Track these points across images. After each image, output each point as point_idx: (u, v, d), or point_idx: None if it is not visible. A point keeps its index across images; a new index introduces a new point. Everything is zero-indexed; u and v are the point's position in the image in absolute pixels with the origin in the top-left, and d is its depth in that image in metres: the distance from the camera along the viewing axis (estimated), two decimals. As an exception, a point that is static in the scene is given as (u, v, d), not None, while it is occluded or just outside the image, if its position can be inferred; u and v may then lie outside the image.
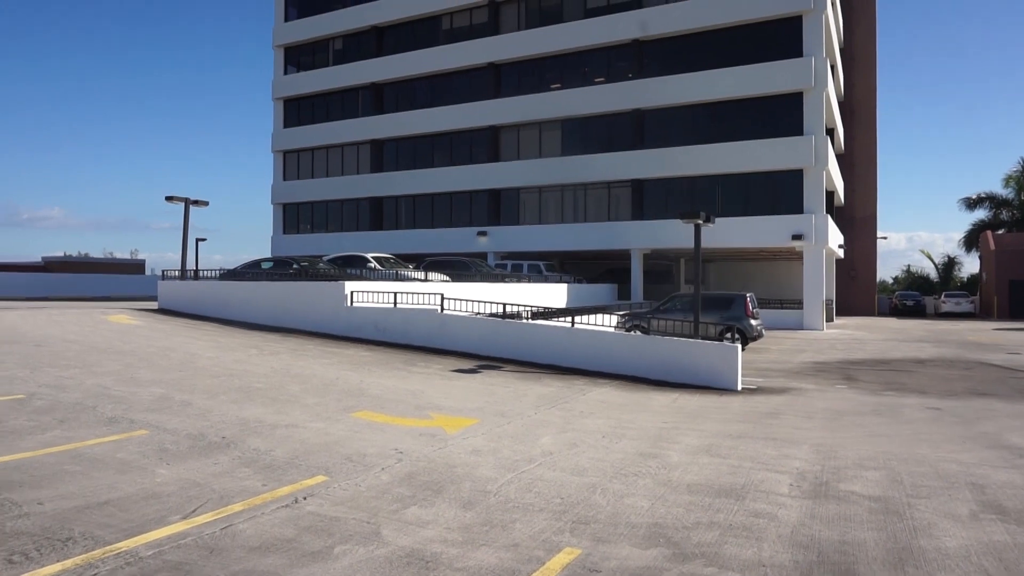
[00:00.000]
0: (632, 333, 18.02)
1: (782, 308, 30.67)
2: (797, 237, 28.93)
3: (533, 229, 35.19)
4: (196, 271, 27.02)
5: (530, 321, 16.89)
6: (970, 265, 53.06)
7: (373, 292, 19.27)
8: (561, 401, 11.10)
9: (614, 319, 19.90)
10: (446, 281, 22.74)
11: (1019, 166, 46.00)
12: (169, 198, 25.33)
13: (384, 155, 40.34)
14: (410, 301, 18.60)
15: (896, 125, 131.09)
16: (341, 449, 7.50)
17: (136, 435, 7.70)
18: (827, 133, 30.65)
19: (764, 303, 27.66)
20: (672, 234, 30.23)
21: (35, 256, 62.43)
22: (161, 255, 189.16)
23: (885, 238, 54.89)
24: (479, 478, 6.62)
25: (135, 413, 8.73)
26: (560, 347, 15.36)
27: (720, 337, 18.46)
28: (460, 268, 26.81)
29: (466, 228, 36.85)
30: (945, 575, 4.66)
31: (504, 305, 17.54)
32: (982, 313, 41.74)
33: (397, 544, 4.94)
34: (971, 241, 48.11)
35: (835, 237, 33.50)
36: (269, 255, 39.15)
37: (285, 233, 43.62)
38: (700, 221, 15.28)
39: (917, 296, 45.35)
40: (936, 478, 6.98)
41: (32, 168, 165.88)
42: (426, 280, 22.24)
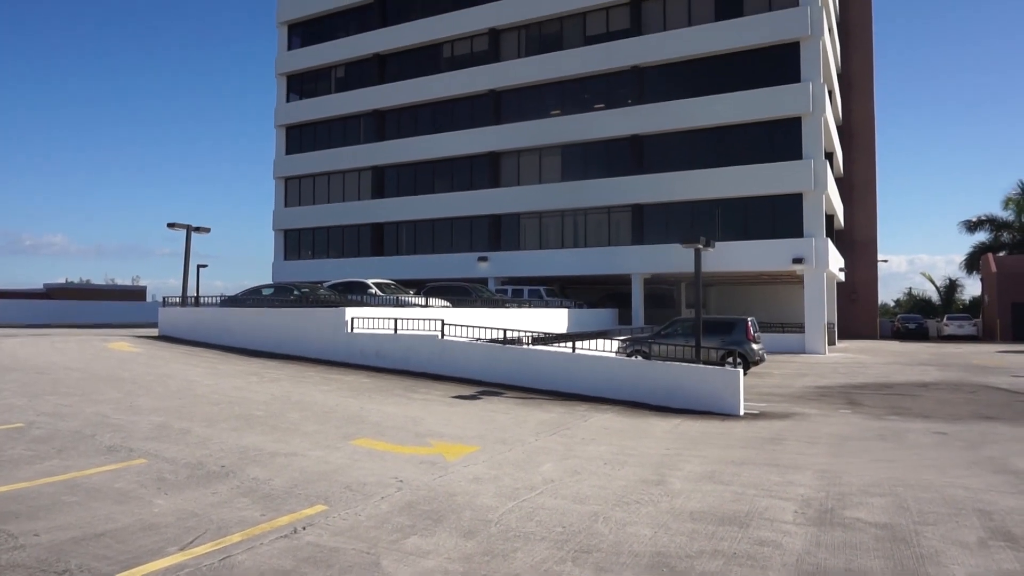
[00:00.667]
0: (633, 358, 17.95)
1: (783, 332, 30.57)
2: (798, 261, 28.97)
3: (534, 254, 35.26)
4: (197, 297, 27.07)
5: (531, 347, 16.83)
6: (972, 287, 53.00)
7: (374, 318, 19.26)
8: (562, 427, 11.03)
9: (615, 344, 19.84)
10: (447, 307, 22.71)
11: (1019, 188, 46.16)
12: (171, 225, 25.44)
13: (385, 181, 40.56)
14: (411, 327, 18.57)
15: (896, 148, 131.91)
16: (341, 478, 7.43)
17: (134, 464, 7.64)
18: (826, 157, 30.82)
19: (765, 327, 27.59)
20: (673, 258, 30.31)
21: (37, 283, 62.59)
22: (163, 281, 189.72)
23: (886, 261, 54.82)
24: (480, 507, 6.55)
25: (134, 442, 8.67)
26: (561, 373, 15.30)
27: (722, 361, 18.39)
28: (461, 294, 26.82)
29: (467, 253, 36.91)
30: (954, 605, 4.59)
31: (505, 331, 17.52)
32: (985, 336, 41.62)
33: (397, 575, 4.87)
34: (972, 263, 48.11)
35: (836, 260, 33.53)
36: (270, 281, 39.23)
37: (286, 259, 43.69)
38: (700, 246, 15.32)
39: (919, 319, 45.22)
40: (943, 504, 6.89)
41: (35, 195, 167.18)
42: (427, 306, 22.22)
